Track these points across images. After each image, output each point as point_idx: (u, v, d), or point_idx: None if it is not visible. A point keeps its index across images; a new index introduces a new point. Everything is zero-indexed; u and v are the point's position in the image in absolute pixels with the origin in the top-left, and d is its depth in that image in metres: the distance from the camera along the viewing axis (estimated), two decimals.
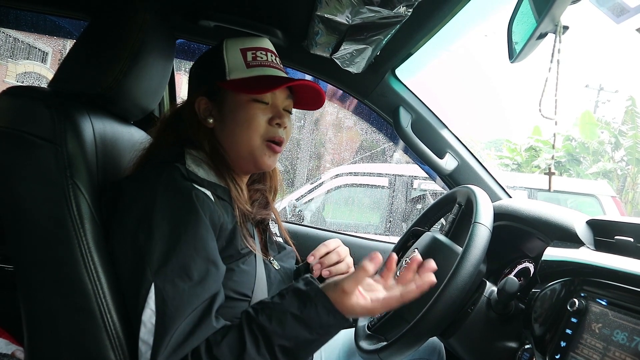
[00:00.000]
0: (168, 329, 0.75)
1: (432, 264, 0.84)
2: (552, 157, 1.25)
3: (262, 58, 0.99)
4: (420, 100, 1.55)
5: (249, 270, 0.93)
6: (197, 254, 0.80)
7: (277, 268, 1.04)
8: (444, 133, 1.56)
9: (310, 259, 1.07)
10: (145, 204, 0.82)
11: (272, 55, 1.02)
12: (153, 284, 0.76)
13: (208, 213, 0.84)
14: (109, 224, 0.87)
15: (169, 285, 0.76)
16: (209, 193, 0.87)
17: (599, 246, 0.93)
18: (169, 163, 0.89)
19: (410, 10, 1.01)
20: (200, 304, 0.78)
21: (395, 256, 0.86)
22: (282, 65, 1.04)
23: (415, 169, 4.15)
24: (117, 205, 0.86)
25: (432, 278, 0.83)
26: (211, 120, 0.98)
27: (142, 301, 0.76)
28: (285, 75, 1.00)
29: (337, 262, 1.07)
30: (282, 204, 4.17)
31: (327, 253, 1.07)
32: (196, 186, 0.86)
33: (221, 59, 0.98)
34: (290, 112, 1.03)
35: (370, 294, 0.82)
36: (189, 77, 1.05)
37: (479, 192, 1.05)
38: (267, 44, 1.03)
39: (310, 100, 1.05)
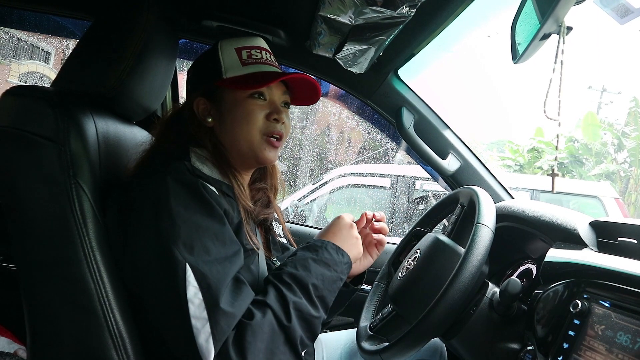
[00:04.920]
0: (217, 299, 0.77)
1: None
2: (555, 159, 1.25)
3: (257, 56, 1.01)
4: (423, 101, 1.55)
5: (252, 268, 0.94)
6: (217, 238, 0.82)
7: None
8: (447, 134, 1.56)
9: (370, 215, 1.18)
10: (159, 196, 0.82)
11: (266, 53, 1.04)
12: (187, 264, 0.77)
13: (215, 202, 0.86)
14: (118, 224, 0.86)
15: (201, 262, 0.78)
16: (214, 189, 0.88)
17: (602, 248, 0.93)
18: (175, 159, 0.90)
19: (413, 10, 1.01)
20: (234, 274, 0.82)
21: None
22: (277, 63, 1.06)
23: (417, 170, 4.15)
24: (125, 205, 0.86)
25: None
26: (210, 120, 0.99)
27: (181, 282, 0.76)
28: (280, 71, 1.02)
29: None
30: (284, 204, 4.17)
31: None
32: (202, 181, 0.87)
33: (217, 59, 1.00)
34: (288, 107, 1.05)
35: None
36: (187, 80, 1.07)
37: (481, 193, 1.05)
38: (261, 42, 1.05)
39: (306, 95, 1.07)
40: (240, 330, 0.77)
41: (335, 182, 4.49)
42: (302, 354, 0.86)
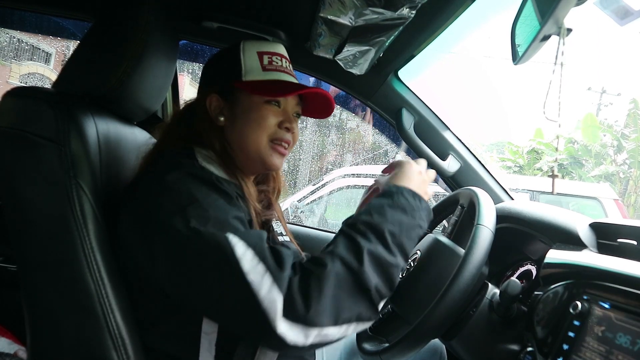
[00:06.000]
0: (265, 251, 0.74)
1: None
2: (555, 160, 1.25)
3: (277, 63, 1.01)
4: (423, 102, 1.55)
5: None
6: (242, 223, 0.80)
7: None
8: (447, 135, 1.56)
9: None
10: (178, 188, 0.80)
11: (286, 62, 1.04)
12: (226, 234, 0.74)
13: (231, 194, 0.85)
14: (133, 225, 0.83)
15: (237, 231, 0.76)
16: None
17: (602, 249, 0.93)
18: (182, 157, 0.89)
19: (414, 12, 1.01)
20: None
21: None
22: (294, 72, 1.06)
23: None
24: (140, 203, 0.83)
25: None
26: (222, 119, 0.99)
27: (227, 245, 0.73)
28: (298, 82, 1.02)
29: None
30: (284, 205, 4.17)
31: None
32: (215, 175, 0.87)
33: (238, 60, 0.99)
34: (298, 117, 1.05)
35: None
36: (201, 75, 1.06)
37: (481, 194, 1.05)
38: (282, 50, 1.05)
39: (318, 108, 1.07)
40: (305, 277, 0.73)
41: (335, 183, 4.49)
42: (379, 305, 0.79)
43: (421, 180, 0.97)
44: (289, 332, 0.71)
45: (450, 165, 1.54)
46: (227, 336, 0.87)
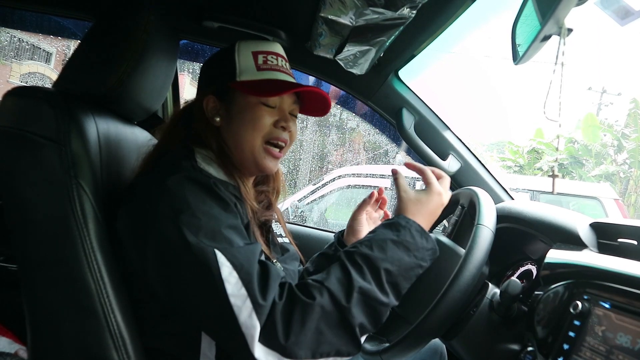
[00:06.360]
0: (251, 275, 0.75)
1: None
2: (556, 160, 1.25)
3: (272, 62, 1.01)
4: (423, 102, 1.55)
5: None
6: (237, 231, 0.81)
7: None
8: (447, 135, 1.56)
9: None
10: (175, 192, 0.81)
11: (282, 60, 1.03)
12: (215, 249, 0.76)
13: (228, 200, 0.85)
14: (131, 226, 0.84)
15: (228, 246, 0.77)
16: (223, 189, 0.88)
17: (602, 249, 0.93)
18: (182, 159, 0.89)
19: (414, 12, 1.01)
20: (258, 257, 0.80)
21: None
22: (291, 71, 1.05)
23: None
24: (138, 205, 0.84)
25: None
26: (218, 119, 0.99)
27: (214, 264, 0.74)
28: (294, 81, 1.02)
29: None
30: (285, 205, 4.18)
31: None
32: (213, 179, 0.87)
33: (232, 60, 0.99)
34: (295, 117, 1.05)
35: None
36: (199, 75, 1.06)
37: (481, 194, 1.05)
38: (278, 48, 1.04)
39: (316, 106, 1.07)
40: (290, 305, 0.75)
41: (335, 182, 4.49)
42: (362, 339, 0.80)
43: (438, 211, 0.96)
44: (265, 358, 0.73)
45: (451, 165, 1.54)
46: None
